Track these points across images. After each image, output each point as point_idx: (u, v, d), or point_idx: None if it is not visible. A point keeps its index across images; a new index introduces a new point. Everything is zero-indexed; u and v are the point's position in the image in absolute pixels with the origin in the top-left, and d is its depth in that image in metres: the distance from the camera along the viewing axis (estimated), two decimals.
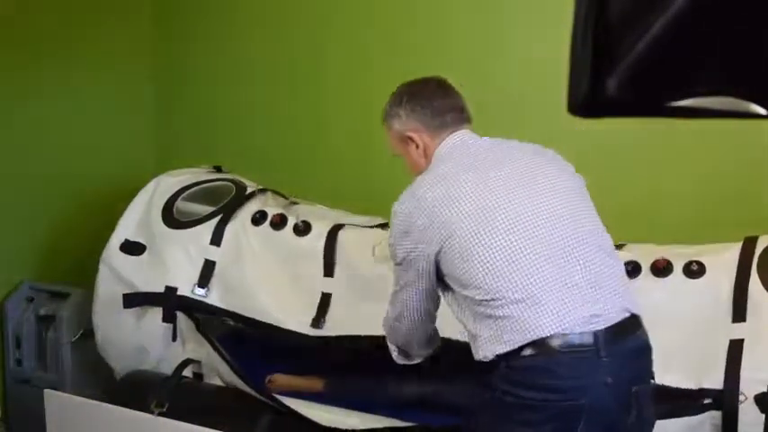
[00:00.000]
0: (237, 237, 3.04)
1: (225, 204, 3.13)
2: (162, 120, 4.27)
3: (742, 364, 2.21)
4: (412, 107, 2.13)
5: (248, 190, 3.19)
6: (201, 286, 2.99)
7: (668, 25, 0.75)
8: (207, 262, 3.02)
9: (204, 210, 3.15)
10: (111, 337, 3.17)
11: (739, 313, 2.28)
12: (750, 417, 2.16)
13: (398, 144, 2.18)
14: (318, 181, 3.75)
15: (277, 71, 3.93)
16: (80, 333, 3.57)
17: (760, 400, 2.16)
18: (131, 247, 3.14)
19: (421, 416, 2.57)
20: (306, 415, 2.58)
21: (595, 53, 0.77)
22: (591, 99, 0.78)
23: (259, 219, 3.05)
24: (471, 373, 1.99)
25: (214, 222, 3.07)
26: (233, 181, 3.27)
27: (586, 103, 0.79)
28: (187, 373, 2.96)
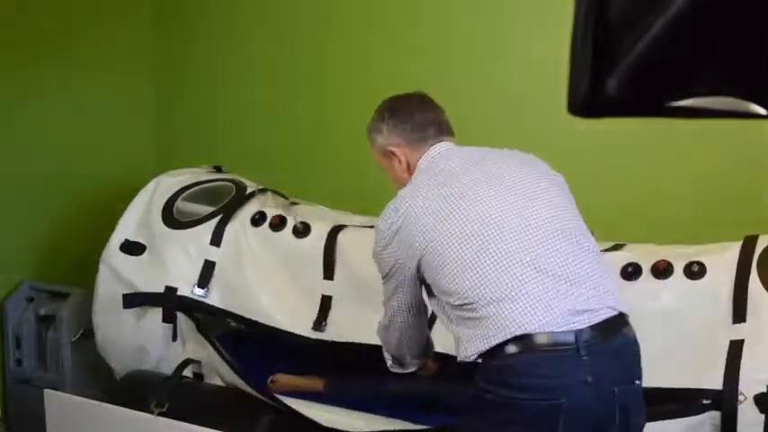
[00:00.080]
0: (237, 237, 3.04)
1: (225, 204, 3.13)
2: (162, 120, 4.27)
3: (742, 365, 2.21)
4: (394, 123, 2.18)
5: (248, 190, 3.19)
6: (201, 286, 2.99)
7: (668, 25, 0.75)
8: (207, 262, 3.02)
9: (204, 210, 3.15)
10: (111, 337, 3.17)
11: (739, 314, 2.28)
12: (750, 417, 2.15)
13: (382, 159, 2.24)
14: (318, 181, 3.74)
15: (277, 71, 3.93)
16: (80, 333, 3.57)
17: (759, 401, 2.15)
18: (131, 247, 3.14)
19: (421, 416, 2.57)
20: (306, 415, 2.57)
21: (595, 53, 0.77)
22: (591, 99, 0.78)
23: (258, 220, 3.05)
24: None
25: (214, 222, 3.07)
26: (233, 181, 3.27)
27: (586, 103, 0.79)
28: (187, 373, 2.95)
